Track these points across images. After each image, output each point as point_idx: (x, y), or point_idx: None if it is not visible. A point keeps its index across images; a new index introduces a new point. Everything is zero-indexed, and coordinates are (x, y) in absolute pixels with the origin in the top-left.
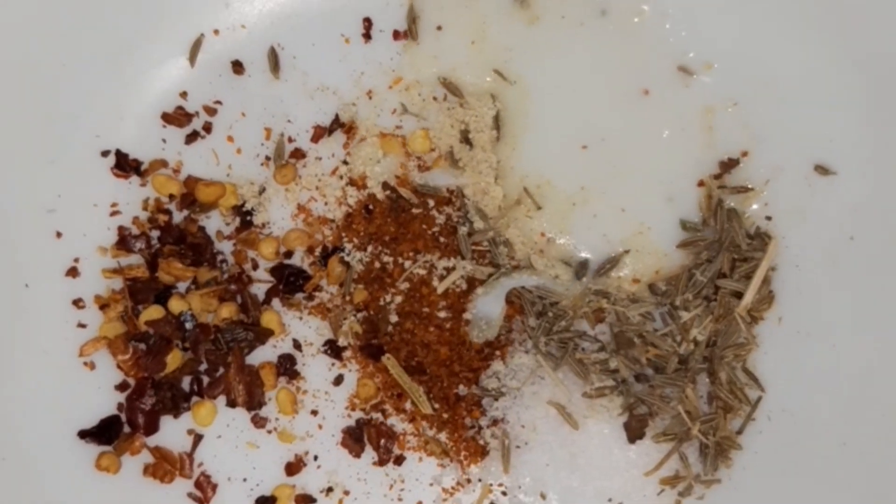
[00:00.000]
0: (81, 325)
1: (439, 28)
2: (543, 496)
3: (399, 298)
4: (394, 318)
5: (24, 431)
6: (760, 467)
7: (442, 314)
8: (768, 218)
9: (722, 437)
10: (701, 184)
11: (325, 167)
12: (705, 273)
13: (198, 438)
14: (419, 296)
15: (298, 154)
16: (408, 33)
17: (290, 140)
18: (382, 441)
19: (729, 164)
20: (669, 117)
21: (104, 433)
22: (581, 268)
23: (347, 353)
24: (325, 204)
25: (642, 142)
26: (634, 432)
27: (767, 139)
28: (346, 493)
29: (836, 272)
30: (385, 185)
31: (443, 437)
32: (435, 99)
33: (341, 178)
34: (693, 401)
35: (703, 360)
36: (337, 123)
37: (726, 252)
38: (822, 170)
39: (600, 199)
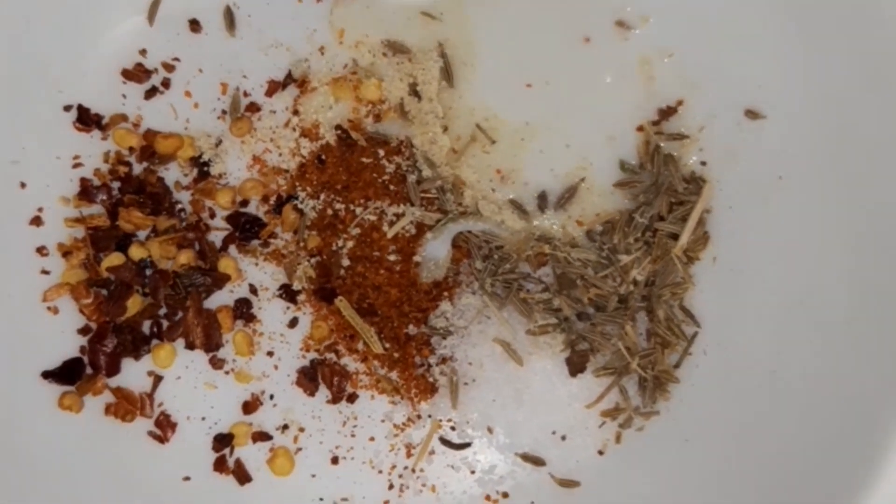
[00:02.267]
0: (45, 272)
1: None
2: (490, 430)
3: (350, 243)
4: (346, 263)
5: None
6: (697, 399)
7: (392, 258)
8: (703, 163)
9: (660, 371)
10: (640, 129)
11: (278, 120)
12: (644, 215)
13: (158, 379)
14: (370, 240)
15: (253, 108)
16: None
17: (246, 94)
18: (336, 380)
19: (667, 112)
20: (610, 65)
21: (67, 374)
22: (542, 200)
23: (302, 297)
24: (280, 155)
25: (584, 85)
26: (576, 367)
27: (701, 87)
28: (302, 429)
29: (765, 211)
30: (338, 127)
31: (394, 375)
32: (385, 55)
33: (294, 129)
34: (632, 337)
35: (641, 298)
36: (290, 78)
37: (664, 195)
38: (752, 114)
39: (546, 135)
